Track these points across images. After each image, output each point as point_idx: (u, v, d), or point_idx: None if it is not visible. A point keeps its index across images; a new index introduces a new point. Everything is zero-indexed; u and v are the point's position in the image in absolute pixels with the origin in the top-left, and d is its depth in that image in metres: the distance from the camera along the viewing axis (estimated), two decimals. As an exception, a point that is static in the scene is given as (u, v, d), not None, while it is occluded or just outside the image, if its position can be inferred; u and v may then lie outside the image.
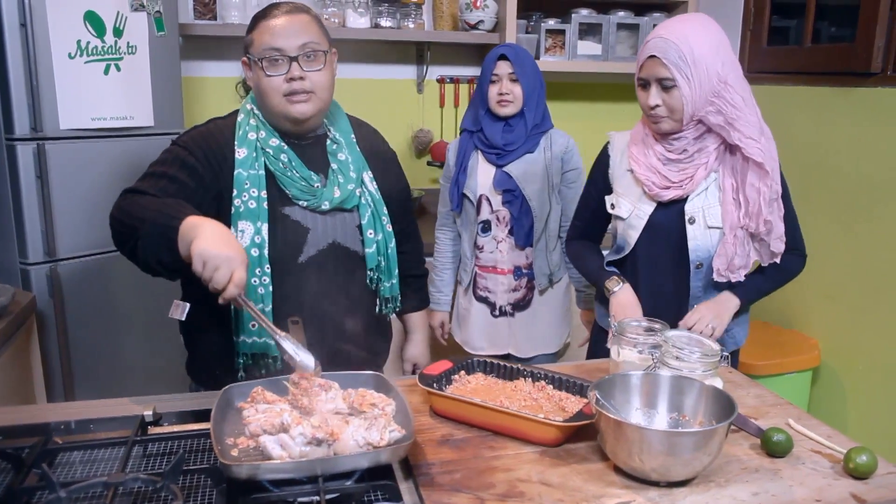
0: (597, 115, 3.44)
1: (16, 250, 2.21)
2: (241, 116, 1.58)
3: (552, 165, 2.24)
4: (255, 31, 1.51)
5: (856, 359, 2.51)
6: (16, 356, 2.00)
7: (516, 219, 2.23)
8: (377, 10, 3.00)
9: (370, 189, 1.62)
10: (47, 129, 2.18)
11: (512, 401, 1.36)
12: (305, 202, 1.53)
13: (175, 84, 2.52)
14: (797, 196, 1.75)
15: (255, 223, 1.48)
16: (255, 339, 1.52)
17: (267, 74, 1.48)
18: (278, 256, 1.50)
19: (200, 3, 2.80)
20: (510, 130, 2.22)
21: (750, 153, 1.60)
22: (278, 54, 1.48)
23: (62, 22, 2.16)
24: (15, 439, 1.23)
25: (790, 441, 1.25)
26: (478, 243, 2.31)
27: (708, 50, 1.58)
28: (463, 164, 2.29)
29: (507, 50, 2.20)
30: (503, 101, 2.19)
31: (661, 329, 1.44)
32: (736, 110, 1.60)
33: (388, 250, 1.63)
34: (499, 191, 2.24)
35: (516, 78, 2.18)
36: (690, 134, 1.64)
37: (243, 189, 1.49)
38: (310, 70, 1.49)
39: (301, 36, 1.49)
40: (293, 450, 1.09)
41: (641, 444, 1.11)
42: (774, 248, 1.65)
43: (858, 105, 2.44)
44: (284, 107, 1.50)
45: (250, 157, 1.52)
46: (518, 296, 2.31)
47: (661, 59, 1.58)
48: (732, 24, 2.98)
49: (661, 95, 1.61)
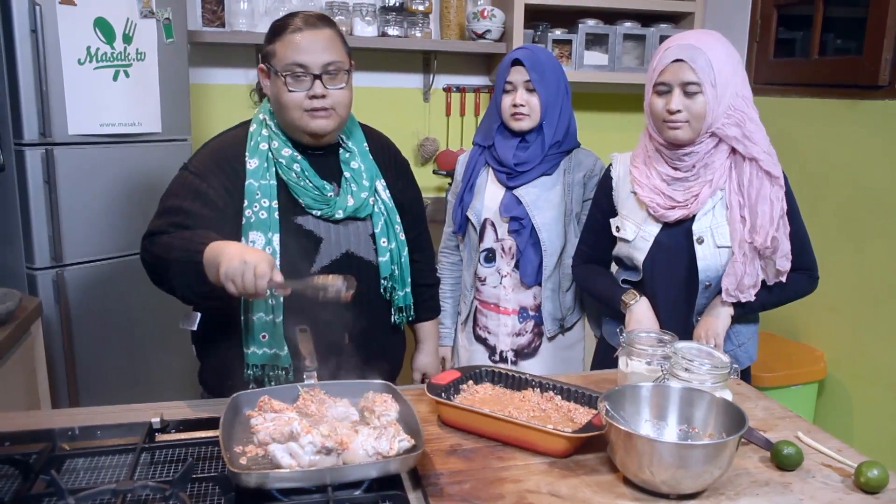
0: (603, 126, 3.45)
1: (22, 255, 2.22)
2: (253, 127, 1.58)
3: (573, 191, 1.93)
4: (277, 43, 1.50)
5: (862, 371, 2.51)
6: (21, 361, 1.99)
7: (523, 252, 1.92)
8: (385, 18, 3.02)
9: (383, 197, 1.63)
10: (56, 135, 2.19)
11: (520, 411, 1.35)
12: (319, 211, 1.53)
13: (183, 90, 2.53)
14: (803, 208, 1.74)
15: (266, 233, 1.48)
16: (264, 350, 1.52)
17: (290, 90, 1.48)
18: (291, 266, 1.48)
19: (209, 10, 2.82)
20: (525, 148, 1.92)
21: (767, 166, 1.60)
22: (302, 71, 1.47)
23: (72, 28, 2.18)
24: (22, 445, 1.23)
25: (800, 454, 1.24)
26: (479, 274, 2.01)
27: (729, 64, 1.59)
28: (470, 180, 2.00)
29: (523, 53, 1.89)
30: (518, 114, 1.89)
31: (670, 341, 1.44)
32: (753, 125, 1.61)
33: (402, 259, 1.63)
34: (505, 217, 1.93)
35: (533, 87, 1.87)
36: (702, 148, 1.63)
37: (254, 199, 1.49)
38: (332, 88, 1.49)
39: (326, 53, 1.48)
40: (302, 458, 1.09)
41: (652, 455, 1.10)
42: (780, 267, 1.64)
43: (865, 117, 2.44)
44: (304, 121, 1.50)
45: (261, 167, 1.52)
46: (522, 342, 1.99)
47: (688, 63, 1.57)
48: (739, 35, 2.99)
49: (684, 101, 1.60)
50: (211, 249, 1.30)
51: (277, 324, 1.48)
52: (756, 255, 1.63)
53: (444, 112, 3.34)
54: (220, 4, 2.82)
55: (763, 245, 1.60)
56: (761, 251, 1.62)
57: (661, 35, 3.17)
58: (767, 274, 1.66)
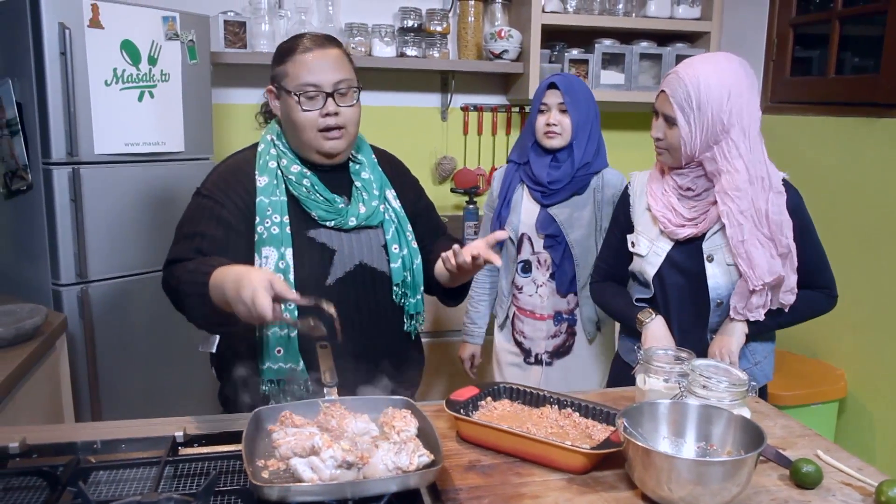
0: (620, 144, 3.46)
1: (49, 271, 2.26)
2: (261, 147, 1.61)
3: (602, 210, 2.09)
4: (287, 64, 1.53)
5: (883, 390, 2.48)
6: (47, 375, 2.03)
7: (558, 265, 2.10)
8: (403, 39, 3.06)
9: (394, 206, 1.65)
10: (82, 154, 2.24)
11: (538, 427, 1.36)
12: (332, 221, 1.56)
13: (206, 110, 2.58)
14: (822, 227, 1.74)
15: (279, 248, 1.50)
16: (280, 366, 1.53)
17: (304, 109, 1.51)
18: (305, 280, 1.51)
19: (231, 32, 2.87)
20: (557, 167, 2.08)
21: (720, 209, 1.61)
22: (314, 90, 1.51)
23: (100, 51, 2.24)
24: (49, 458, 1.25)
25: (820, 472, 1.24)
26: (517, 283, 2.18)
27: (716, 97, 1.57)
28: (507, 197, 2.16)
29: (559, 79, 2.07)
30: (550, 132, 2.06)
31: (687, 358, 1.44)
32: (728, 164, 1.60)
33: (414, 266, 1.64)
34: (541, 234, 2.11)
35: (566, 109, 2.05)
36: (691, 173, 1.67)
37: (265, 216, 1.52)
38: (343, 106, 1.53)
39: (336, 72, 1.52)
40: (323, 472, 1.10)
41: (670, 472, 1.11)
42: (783, 300, 1.64)
43: (883, 136, 2.44)
44: (318, 142, 1.53)
45: (271, 184, 1.54)
46: (557, 342, 2.16)
47: (668, 95, 1.62)
48: (756, 54, 3.00)
49: (665, 130, 1.65)
50: (215, 279, 1.31)
51: (292, 338, 1.50)
52: None
53: (461, 131, 3.37)
54: (242, 27, 2.87)
55: (757, 287, 1.60)
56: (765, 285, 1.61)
57: (677, 54, 3.19)
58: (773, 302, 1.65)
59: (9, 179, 2.31)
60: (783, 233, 1.60)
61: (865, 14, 2.63)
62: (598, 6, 3.17)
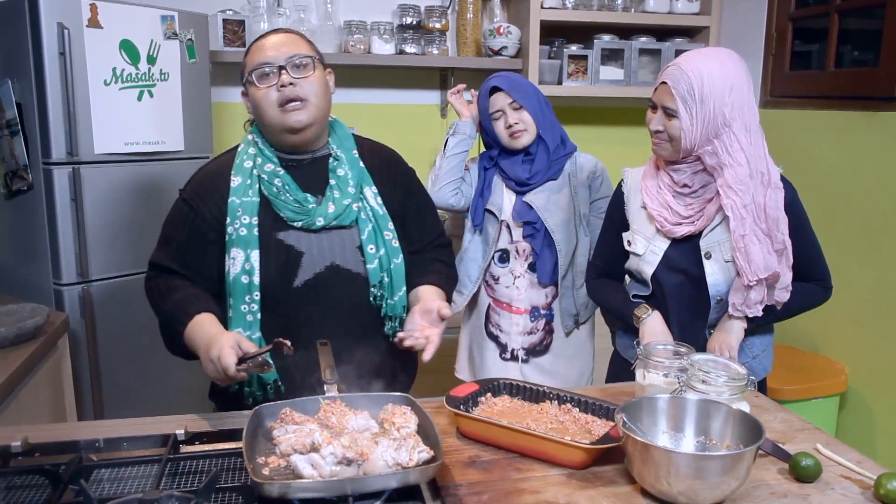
0: (619, 140, 3.46)
1: (50, 271, 2.27)
2: (241, 146, 1.61)
3: (578, 193, 2.05)
4: (247, 57, 1.56)
5: (884, 384, 2.48)
6: (48, 375, 2.04)
7: (539, 255, 2.04)
8: (402, 36, 3.06)
9: (372, 204, 1.59)
10: (82, 154, 2.24)
11: (538, 423, 1.36)
12: (299, 222, 1.52)
13: (205, 109, 2.59)
14: (822, 221, 1.74)
15: (246, 250, 1.50)
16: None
17: (259, 87, 1.51)
18: (270, 282, 1.50)
19: (230, 31, 2.87)
20: (531, 160, 2.04)
21: (723, 203, 1.60)
22: (267, 66, 1.51)
23: (99, 50, 2.24)
24: (51, 456, 1.26)
25: (819, 466, 1.24)
26: (493, 273, 2.11)
27: (719, 89, 1.57)
28: (486, 180, 2.10)
29: (498, 81, 2.03)
30: (515, 132, 2.01)
31: (686, 353, 1.45)
32: (730, 157, 1.59)
33: (392, 266, 1.57)
34: (518, 222, 2.06)
35: (519, 105, 2.00)
36: (688, 169, 1.66)
37: (236, 216, 1.51)
38: (299, 77, 1.51)
39: (289, 48, 1.53)
40: (324, 469, 1.11)
41: (669, 466, 1.11)
42: (778, 297, 1.64)
43: (882, 129, 2.44)
44: (280, 118, 1.51)
45: (244, 184, 1.54)
46: (533, 340, 2.10)
47: (670, 87, 1.60)
48: (755, 48, 3.00)
49: (664, 122, 1.63)
50: (189, 331, 1.44)
51: (255, 339, 1.49)
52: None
53: (460, 128, 3.36)
54: (241, 25, 2.88)
55: (751, 282, 1.60)
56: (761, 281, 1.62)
57: (676, 49, 3.18)
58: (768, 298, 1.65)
59: (9, 179, 2.32)
60: (779, 229, 1.60)
61: (864, 8, 2.63)
62: (597, 2, 3.17)
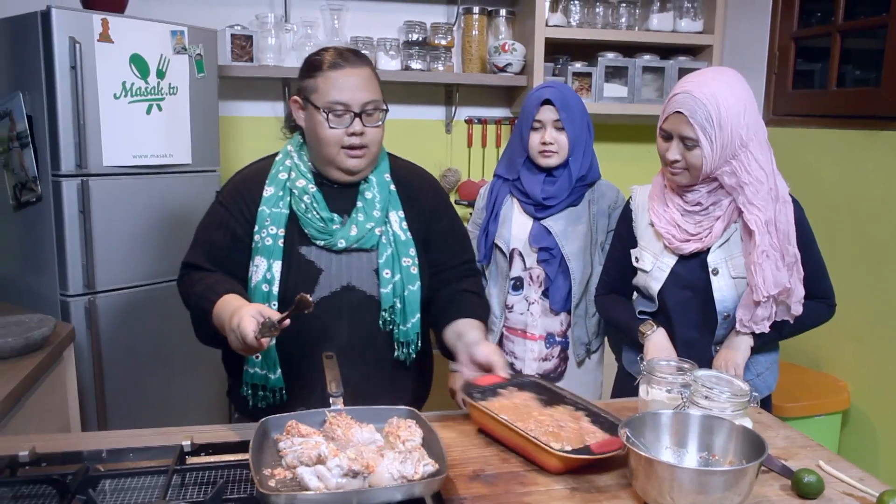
0: (623, 157, 3.48)
1: (57, 282, 2.28)
2: (279, 157, 1.63)
3: (598, 222, 1.99)
4: (319, 78, 1.52)
5: (887, 402, 2.48)
6: (54, 385, 2.05)
7: (553, 281, 1.97)
8: (408, 52, 3.09)
9: (395, 229, 1.60)
10: (91, 166, 2.27)
11: (539, 424, 1.36)
12: (322, 241, 1.55)
13: (213, 123, 2.61)
14: (824, 239, 1.75)
15: (269, 259, 1.53)
16: (256, 370, 1.57)
17: (331, 126, 1.51)
18: (288, 295, 1.51)
19: (238, 45, 2.91)
20: (552, 182, 1.97)
21: (747, 219, 1.61)
22: (343, 109, 1.51)
23: (109, 64, 2.27)
24: (57, 466, 1.26)
25: (821, 483, 1.24)
26: (507, 302, 2.05)
27: (735, 113, 1.57)
28: (495, 210, 2.04)
29: (553, 94, 1.93)
30: (547, 151, 1.94)
31: (690, 369, 1.46)
32: (749, 175, 1.60)
33: (406, 292, 1.58)
34: (535, 248, 1.98)
35: (562, 126, 1.93)
36: (704, 188, 1.66)
37: (264, 226, 1.54)
38: (369, 126, 1.54)
39: (366, 92, 1.53)
40: (330, 481, 1.11)
41: (672, 482, 1.12)
42: (794, 311, 1.64)
43: (884, 148, 2.45)
44: (341, 158, 1.54)
45: (276, 195, 1.57)
46: (548, 366, 2.02)
47: (687, 117, 1.58)
48: (757, 67, 3.03)
49: (682, 152, 1.62)
50: (218, 307, 1.43)
51: (270, 346, 1.51)
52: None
53: (465, 143, 3.39)
54: (249, 40, 2.91)
55: (762, 299, 1.60)
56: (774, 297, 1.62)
57: (679, 67, 3.21)
58: (779, 313, 1.66)
59: (18, 191, 2.34)
60: (790, 242, 1.61)
61: (866, 27, 2.65)
62: (602, 20, 3.20)
